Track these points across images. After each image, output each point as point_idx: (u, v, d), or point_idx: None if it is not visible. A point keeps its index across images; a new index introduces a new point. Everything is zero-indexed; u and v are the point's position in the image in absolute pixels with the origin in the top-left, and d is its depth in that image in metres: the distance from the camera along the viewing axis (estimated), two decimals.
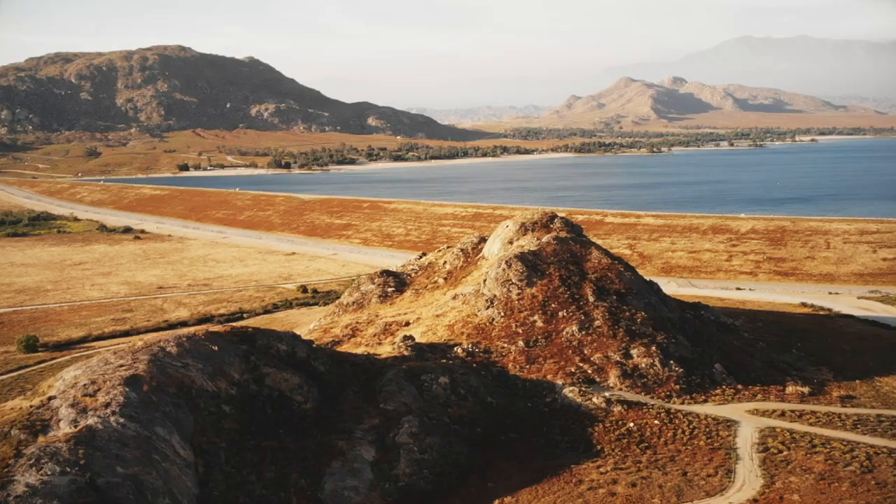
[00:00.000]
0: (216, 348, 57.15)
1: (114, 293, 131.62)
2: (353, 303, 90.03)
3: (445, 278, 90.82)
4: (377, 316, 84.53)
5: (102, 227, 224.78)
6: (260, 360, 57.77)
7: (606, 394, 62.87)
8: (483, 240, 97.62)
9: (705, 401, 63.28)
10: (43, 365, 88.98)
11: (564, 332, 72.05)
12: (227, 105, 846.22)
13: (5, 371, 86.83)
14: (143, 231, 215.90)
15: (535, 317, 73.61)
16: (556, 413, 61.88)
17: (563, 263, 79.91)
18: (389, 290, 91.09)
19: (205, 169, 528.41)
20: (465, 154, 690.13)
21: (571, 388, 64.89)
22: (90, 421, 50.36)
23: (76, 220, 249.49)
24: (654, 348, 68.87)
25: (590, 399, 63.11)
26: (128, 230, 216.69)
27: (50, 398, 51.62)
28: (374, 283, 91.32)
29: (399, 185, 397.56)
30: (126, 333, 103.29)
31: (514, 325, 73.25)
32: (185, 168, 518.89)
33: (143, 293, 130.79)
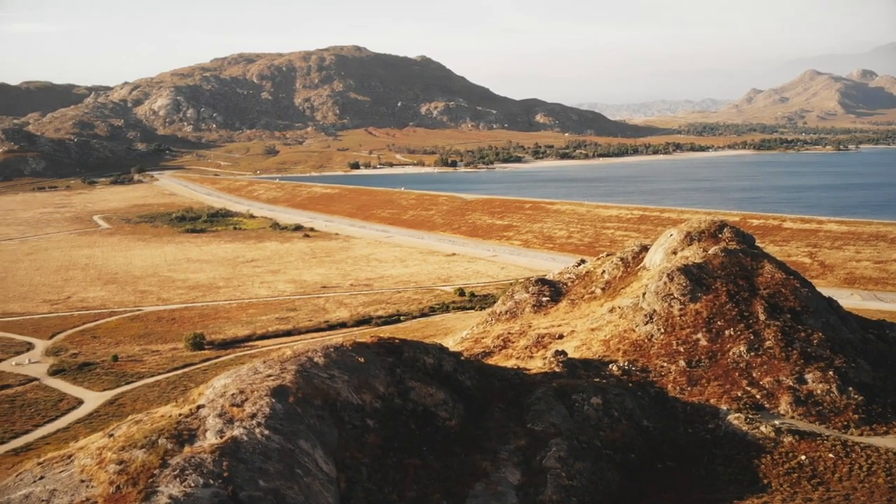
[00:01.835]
0: (363, 360, 56.54)
1: (280, 291, 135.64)
2: (507, 312, 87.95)
3: (603, 289, 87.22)
4: (530, 327, 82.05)
5: (275, 225, 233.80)
6: (405, 373, 56.66)
7: (776, 422, 57.80)
8: (645, 248, 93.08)
9: (886, 433, 57.11)
10: (207, 363, 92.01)
11: (731, 353, 67.01)
12: (399, 104, 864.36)
13: (172, 368, 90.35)
14: (312, 229, 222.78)
15: (699, 335, 68.97)
16: (719, 441, 57.41)
17: (732, 277, 74.60)
18: (544, 299, 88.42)
19: (374, 167, 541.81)
20: (635, 151, 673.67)
21: (737, 414, 60.07)
22: (236, 432, 50.78)
23: (252, 217, 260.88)
24: (831, 373, 62.87)
25: (757, 427, 58.17)
26: (298, 228, 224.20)
27: (199, 407, 52.41)
28: (528, 292, 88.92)
29: (564, 185, 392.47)
30: (288, 333, 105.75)
31: (674, 342, 68.88)
32: (355, 166, 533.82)
33: (307, 292, 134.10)
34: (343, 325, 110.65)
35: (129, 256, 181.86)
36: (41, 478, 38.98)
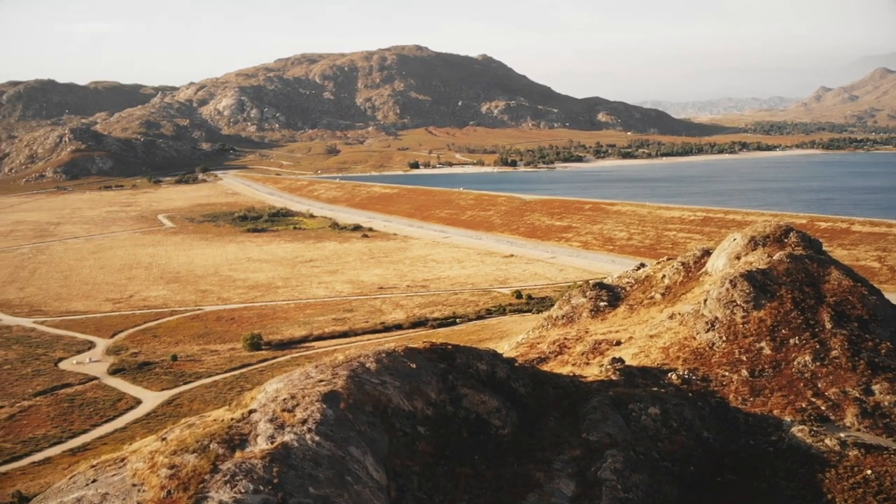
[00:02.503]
0: (414, 366, 55.81)
1: (338, 292, 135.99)
2: (563, 316, 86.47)
3: (663, 294, 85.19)
4: (587, 332, 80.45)
5: (334, 225, 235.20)
6: (458, 379, 55.71)
7: (841, 434, 55.49)
8: (707, 253, 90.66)
9: None
10: (263, 364, 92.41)
11: (795, 362, 64.66)
12: (459, 103, 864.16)
13: (229, 369, 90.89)
14: (370, 229, 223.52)
15: (762, 343, 66.70)
16: (782, 454, 55.31)
17: (797, 284, 72.07)
18: (602, 304, 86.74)
19: (433, 167, 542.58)
20: (700, 151, 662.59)
21: (801, 426, 57.80)
22: (286, 438, 50.46)
23: (312, 216, 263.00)
24: None
25: (822, 440, 55.90)
26: (357, 228, 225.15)
27: (251, 411, 52.22)
28: (585, 297, 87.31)
29: (625, 185, 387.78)
30: (344, 334, 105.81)
31: (737, 351, 66.78)
32: (415, 166, 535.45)
33: (364, 293, 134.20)
34: (399, 326, 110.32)
35: (191, 255, 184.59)
36: (94, 481, 39.04)
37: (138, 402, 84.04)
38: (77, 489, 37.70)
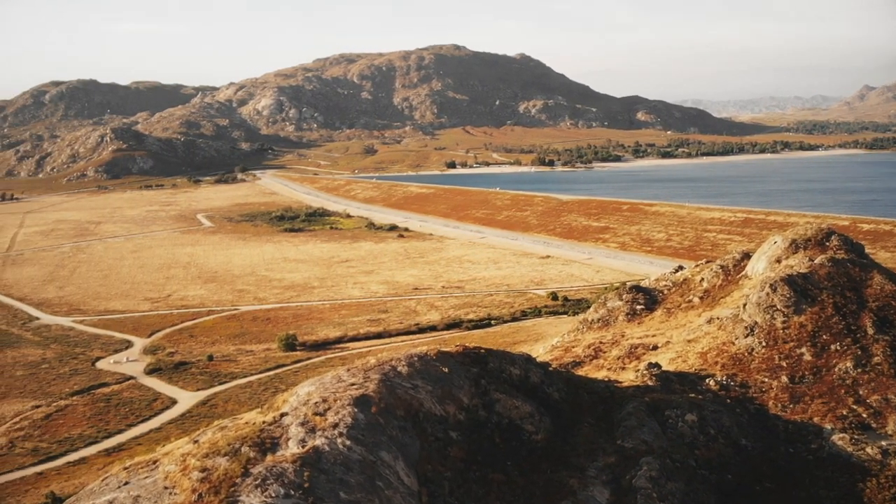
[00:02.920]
0: (446, 370, 55.29)
1: (373, 292, 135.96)
2: (599, 320, 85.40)
3: (701, 298, 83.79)
4: (623, 336, 79.40)
5: (370, 225, 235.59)
6: (490, 384, 55.08)
7: (883, 443, 54.03)
8: (747, 255, 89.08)
9: None
10: (298, 365, 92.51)
11: (836, 369, 63.14)
12: (497, 102, 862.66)
13: (264, 369, 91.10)
14: (406, 229, 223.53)
15: (803, 349, 65.24)
16: (822, 462, 54.00)
17: (838, 289, 70.44)
18: (638, 307, 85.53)
19: (470, 166, 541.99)
20: (741, 150, 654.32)
21: (842, 434, 56.39)
22: (317, 442, 50.19)
23: (348, 216, 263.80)
24: None
25: (863, 448, 54.47)
26: (393, 228, 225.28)
27: (282, 414, 52.03)
28: (621, 300, 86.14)
29: (664, 185, 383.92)
30: (378, 335, 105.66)
31: (776, 357, 65.39)
32: (452, 165, 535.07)
33: (399, 293, 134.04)
34: (433, 328, 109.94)
35: (229, 255, 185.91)
36: (126, 483, 39.03)
37: (174, 402, 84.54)
38: (109, 491, 37.67)
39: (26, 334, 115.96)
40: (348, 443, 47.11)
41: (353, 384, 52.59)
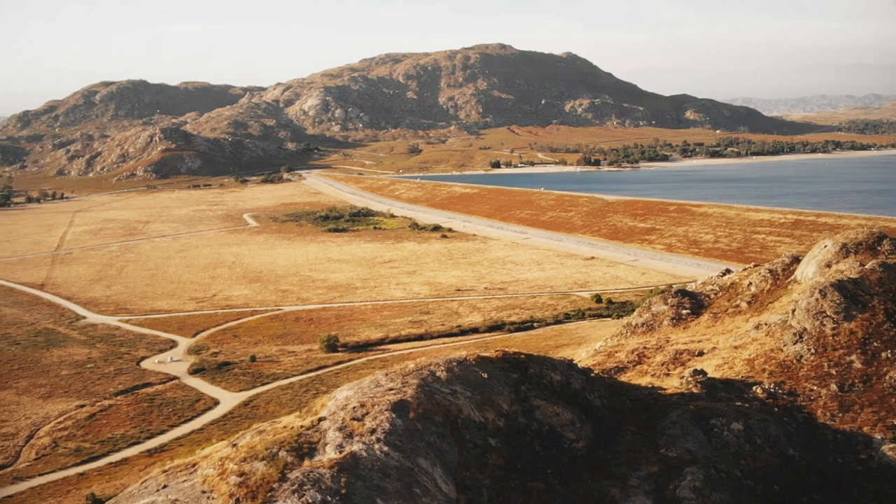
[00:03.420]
0: (486, 375, 54.51)
1: (415, 293, 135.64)
2: (643, 324, 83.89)
3: (749, 303, 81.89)
4: (668, 341, 77.87)
5: (414, 225, 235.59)
6: (531, 390, 54.12)
7: None
8: (796, 259, 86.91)
9: None
10: (339, 367, 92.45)
11: (887, 377, 61.08)
12: (542, 101, 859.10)
13: (305, 370, 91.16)
14: (450, 230, 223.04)
15: (853, 356, 63.29)
16: (871, 473, 52.23)
17: (890, 295, 68.26)
18: (684, 312, 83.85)
19: (515, 166, 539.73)
20: (791, 150, 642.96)
21: (892, 444, 54.44)
22: (355, 447, 49.77)
23: (392, 216, 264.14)
24: None
25: None
26: (436, 228, 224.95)
27: (320, 419, 51.70)
28: (666, 304, 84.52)
29: (712, 185, 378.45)
30: (420, 337, 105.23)
31: (826, 364, 63.52)
32: (496, 165, 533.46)
33: (441, 295, 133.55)
34: (475, 330, 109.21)
35: (273, 255, 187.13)
36: (164, 486, 38.97)
37: (216, 402, 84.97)
38: (148, 494, 37.54)
39: (73, 333, 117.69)
40: (386, 449, 46.56)
41: (391, 389, 52.04)
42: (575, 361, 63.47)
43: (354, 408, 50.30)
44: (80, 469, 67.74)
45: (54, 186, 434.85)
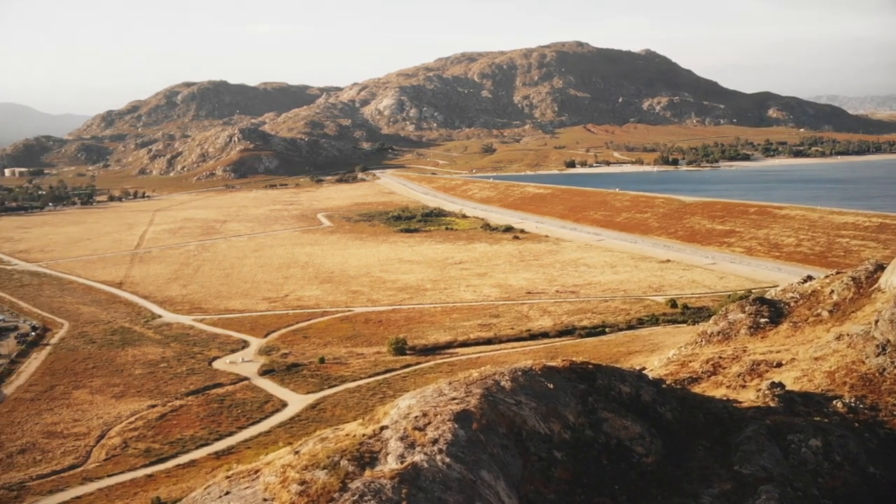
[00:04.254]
0: (552, 386, 53.01)
1: (485, 296, 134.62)
2: (719, 333, 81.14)
3: (830, 312, 78.42)
4: (744, 351, 75.07)
5: (486, 226, 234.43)
6: (598, 402, 52.43)
7: None
8: (880, 267, 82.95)
9: None
10: (406, 370, 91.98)
11: None
12: (619, 100, 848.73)
13: (373, 373, 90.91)
14: (522, 231, 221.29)
15: None
16: None
17: None
18: (762, 320, 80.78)
19: (590, 166, 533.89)
20: (878, 149, 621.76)
21: None
22: (416, 458, 48.89)
23: (464, 217, 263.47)
24: None
25: None
26: (508, 229, 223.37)
27: (382, 427, 50.97)
28: (744, 312, 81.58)
29: (795, 186, 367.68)
30: (489, 341, 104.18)
31: None
32: (571, 165, 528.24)
33: (511, 297, 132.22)
34: (545, 334, 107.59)
35: (345, 255, 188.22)
36: (227, 493, 38.72)
37: (284, 404, 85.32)
38: (211, 501, 37.23)
39: (148, 332, 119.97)
40: (448, 460, 45.44)
41: (454, 398, 50.92)
42: (647, 370, 61.59)
43: (416, 417, 49.32)
44: (149, 470, 68.53)
45: (136, 185, 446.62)
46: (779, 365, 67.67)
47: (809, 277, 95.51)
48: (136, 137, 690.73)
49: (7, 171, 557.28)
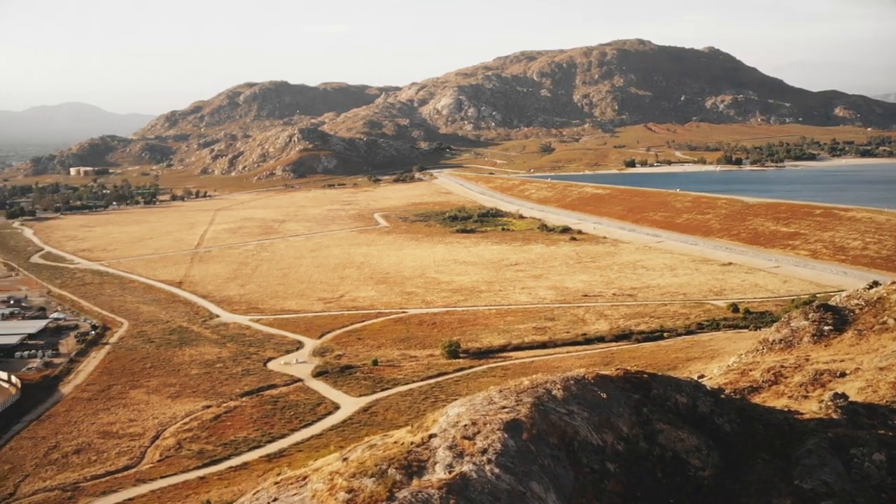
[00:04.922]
0: (605, 395, 51.65)
1: (540, 298, 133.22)
2: (781, 340, 78.44)
3: None
4: (807, 360, 72.49)
5: (543, 226, 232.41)
6: (653, 412, 50.83)
7: None
8: None
9: None
10: (459, 374, 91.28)
11: None
12: (682, 98, 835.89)
13: (426, 377, 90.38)
14: (579, 232, 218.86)
15: None
16: None
17: None
18: (826, 328, 77.96)
19: (650, 165, 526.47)
20: None
21: None
22: (465, 468, 48.05)
23: (521, 217, 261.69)
24: None
25: None
26: (566, 230, 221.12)
27: (431, 436, 50.28)
28: (807, 319, 78.81)
29: (862, 187, 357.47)
30: (543, 345, 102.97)
31: None
32: (630, 164, 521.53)
33: (567, 300, 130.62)
34: (601, 339, 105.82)
35: (401, 256, 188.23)
36: (275, 500, 38.33)
37: (337, 407, 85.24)
38: None
39: (205, 332, 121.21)
40: (497, 470, 44.38)
41: (503, 407, 49.83)
42: (706, 378, 59.81)
43: (465, 426, 48.34)
44: (201, 472, 68.90)
45: (198, 185, 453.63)
46: (842, 375, 65.25)
47: (875, 283, 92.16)
48: (199, 137, 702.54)
49: (73, 170, 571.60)
